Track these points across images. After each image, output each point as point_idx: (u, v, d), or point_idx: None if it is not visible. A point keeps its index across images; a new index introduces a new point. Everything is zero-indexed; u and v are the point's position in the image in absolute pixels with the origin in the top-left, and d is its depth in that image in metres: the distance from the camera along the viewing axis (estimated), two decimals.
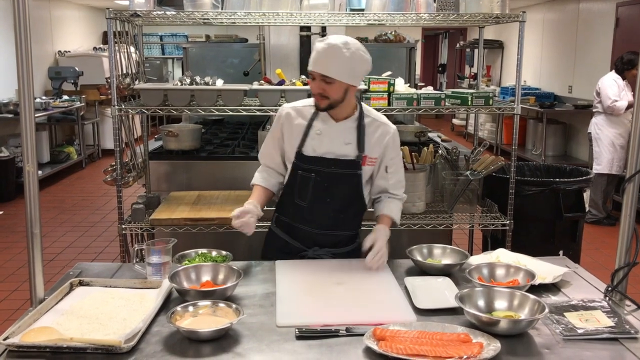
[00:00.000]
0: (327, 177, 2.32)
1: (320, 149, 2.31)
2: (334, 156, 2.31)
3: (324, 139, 2.31)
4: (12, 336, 1.63)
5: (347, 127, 2.31)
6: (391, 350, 1.56)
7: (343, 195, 2.35)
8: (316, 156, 2.31)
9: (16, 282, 4.53)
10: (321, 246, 2.40)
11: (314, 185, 2.32)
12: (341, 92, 2.22)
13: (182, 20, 3.23)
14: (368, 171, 2.37)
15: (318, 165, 2.31)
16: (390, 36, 5.40)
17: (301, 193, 2.35)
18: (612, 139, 5.89)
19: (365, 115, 2.35)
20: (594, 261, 4.88)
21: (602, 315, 1.82)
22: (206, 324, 1.70)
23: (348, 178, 2.33)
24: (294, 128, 2.35)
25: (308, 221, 2.39)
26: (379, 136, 2.34)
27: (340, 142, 2.31)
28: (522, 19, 3.12)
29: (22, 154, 1.90)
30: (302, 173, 2.33)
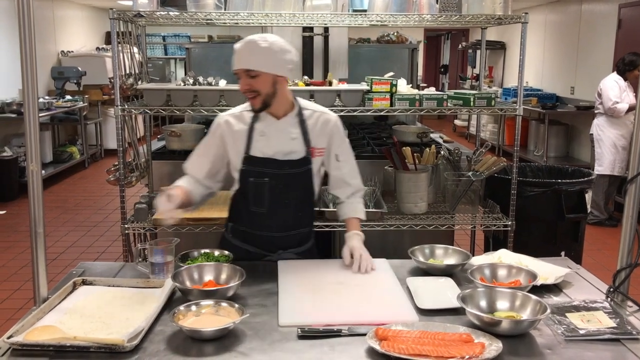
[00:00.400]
0: (282, 180, 2.30)
1: (268, 150, 2.28)
2: (284, 156, 2.28)
3: (270, 139, 2.29)
4: (16, 335, 1.64)
5: (289, 123, 2.30)
6: (393, 350, 1.57)
7: (299, 194, 2.35)
8: (266, 157, 2.28)
9: (19, 281, 4.54)
10: (285, 248, 2.39)
11: (270, 190, 2.29)
12: (269, 84, 2.19)
13: (185, 21, 3.24)
14: (318, 162, 2.36)
15: (270, 169, 2.28)
16: (393, 37, 5.41)
17: (257, 200, 2.31)
18: (613, 140, 5.88)
19: (304, 108, 2.35)
20: (595, 262, 4.87)
21: (604, 316, 1.82)
22: (209, 323, 1.71)
23: (302, 175, 2.32)
24: (235, 134, 2.31)
25: (268, 226, 2.36)
26: (321, 126, 2.34)
27: (287, 138, 2.29)
28: (524, 20, 3.12)
29: (25, 154, 1.91)
30: (254, 180, 2.29)
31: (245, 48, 2.17)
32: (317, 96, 3.18)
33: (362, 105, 3.21)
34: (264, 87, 2.19)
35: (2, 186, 6.72)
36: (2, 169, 6.78)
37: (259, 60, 2.16)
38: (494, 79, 12.13)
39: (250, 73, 2.16)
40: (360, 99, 3.22)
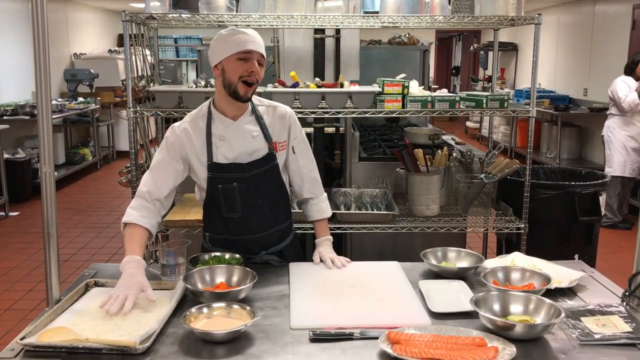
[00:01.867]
0: (251, 182, 2.27)
1: (230, 154, 2.24)
2: (248, 157, 2.25)
3: (231, 142, 2.25)
4: (29, 336, 1.64)
5: (247, 121, 2.28)
6: (406, 354, 1.56)
7: (270, 192, 2.33)
8: (230, 163, 2.25)
9: (32, 282, 4.57)
10: (266, 248, 2.36)
11: (240, 193, 2.26)
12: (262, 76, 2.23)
13: (197, 23, 3.25)
14: (282, 156, 2.34)
15: (237, 173, 2.25)
16: (404, 39, 5.39)
17: (229, 206, 2.28)
18: (623, 141, 5.86)
19: (257, 105, 2.33)
20: (609, 265, 4.83)
21: (619, 321, 1.80)
22: (220, 325, 1.71)
23: (269, 173, 2.30)
24: (195, 143, 2.25)
25: (247, 229, 2.33)
26: (278, 119, 2.33)
27: (248, 138, 2.26)
28: (537, 21, 3.10)
29: (38, 156, 1.92)
30: (223, 186, 2.25)
31: (259, 38, 2.20)
32: (329, 98, 3.17)
33: (373, 107, 3.19)
34: (260, 78, 2.21)
35: (15, 187, 6.77)
36: (16, 171, 6.83)
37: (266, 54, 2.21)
38: (506, 81, 12.07)
39: (261, 61, 2.19)
40: (371, 101, 3.21)
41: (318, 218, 2.47)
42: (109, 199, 7.27)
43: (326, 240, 2.42)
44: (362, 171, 3.72)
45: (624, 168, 5.86)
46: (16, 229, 6.01)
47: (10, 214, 6.48)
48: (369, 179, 3.56)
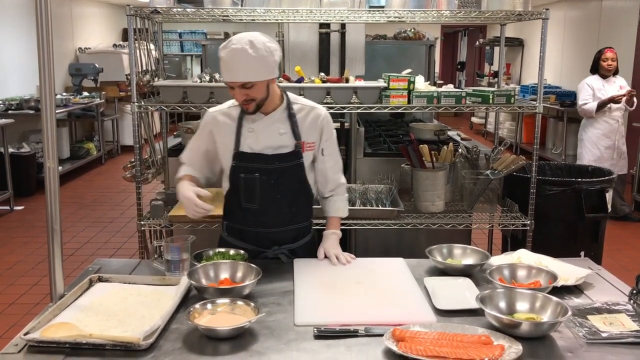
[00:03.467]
0: (273, 174, 2.28)
1: (257, 145, 2.27)
2: (273, 151, 2.27)
3: (259, 135, 2.27)
4: (33, 331, 1.64)
5: (277, 118, 2.28)
6: (411, 352, 1.54)
7: (291, 189, 2.33)
8: (255, 153, 2.27)
9: (36, 276, 4.58)
10: (280, 244, 2.36)
11: (261, 185, 2.27)
12: (264, 89, 2.18)
13: (202, 17, 3.23)
14: (309, 157, 2.34)
15: (260, 164, 2.26)
16: (410, 33, 5.37)
17: (248, 196, 2.29)
18: (594, 140, 5.80)
19: (293, 103, 2.32)
20: (615, 262, 4.80)
21: (626, 319, 1.78)
22: (224, 321, 1.70)
23: (292, 170, 2.30)
24: (224, 131, 2.30)
25: (262, 223, 2.34)
26: (311, 120, 2.32)
27: (275, 134, 2.27)
28: (545, 16, 3.07)
29: (42, 150, 1.91)
30: (245, 176, 2.27)
31: (236, 59, 2.10)
32: (334, 93, 3.16)
33: (379, 103, 3.18)
34: (259, 93, 2.17)
35: (20, 182, 6.78)
36: (20, 165, 6.84)
37: (253, 70, 2.11)
38: (512, 76, 12.02)
39: (245, 85, 2.13)
40: (377, 96, 3.19)
41: (333, 215, 2.46)
42: (114, 193, 7.27)
43: (333, 234, 2.41)
44: (367, 167, 3.70)
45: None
46: (21, 223, 6.02)
47: (15, 208, 6.49)
48: (373, 174, 3.54)
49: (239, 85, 2.14)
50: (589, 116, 5.80)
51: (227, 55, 2.11)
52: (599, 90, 5.72)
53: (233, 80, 2.13)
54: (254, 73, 2.12)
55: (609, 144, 5.77)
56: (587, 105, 5.73)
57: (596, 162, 5.56)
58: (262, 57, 2.11)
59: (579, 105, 5.84)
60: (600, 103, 5.65)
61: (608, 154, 5.77)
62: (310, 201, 2.43)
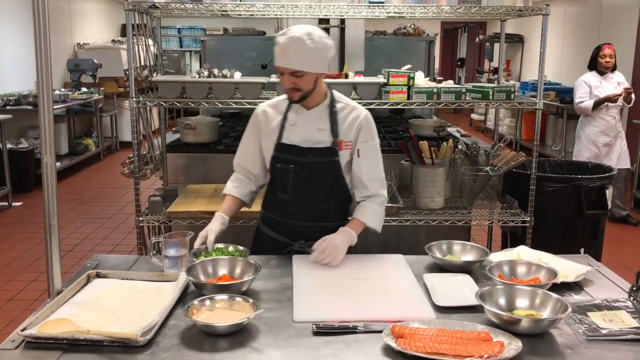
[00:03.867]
0: (306, 167, 2.31)
1: (295, 138, 2.32)
2: (310, 144, 2.31)
3: (298, 128, 2.32)
4: (30, 327, 1.63)
5: (318, 114, 2.32)
6: (410, 348, 1.54)
7: (324, 185, 2.34)
8: (292, 144, 2.31)
9: (34, 272, 4.57)
10: (307, 239, 2.35)
11: (294, 177, 2.32)
12: (312, 82, 2.22)
13: (201, 12, 3.22)
14: (346, 156, 2.34)
15: (295, 155, 2.31)
16: (410, 29, 5.36)
17: (282, 186, 2.34)
18: (591, 137, 5.75)
19: (337, 101, 2.35)
20: (615, 259, 4.80)
21: (626, 316, 1.77)
22: (223, 318, 1.69)
23: (327, 166, 2.32)
24: (271, 124, 2.37)
25: (292, 214, 2.38)
26: (351, 120, 2.33)
27: (313, 129, 2.31)
28: (545, 12, 3.06)
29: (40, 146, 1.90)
30: (280, 166, 2.34)
31: (292, 46, 2.15)
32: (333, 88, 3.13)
33: (378, 98, 3.16)
34: (307, 84, 2.22)
35: (18, 178, 6.76)
36: (19, 161, 6.82)
37: (306, 61, 2.17)
38: (512, 73, 12.00)
39: (296, 73, 2.18)
40: (376, 92, 3.18)
41: (355, 217, 2.36)
42: (112, 189, 7.26)
43: (347, 231, 2.28)
44: None
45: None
46: (19, 219, 6.01)
47: (14, 204, 6.48)
48: None
49: (290, 73, 2.18)
50: (585, 114, 5.76)
51: (285, 41, 2.15)
52: (595, 87, 5.68)
53: (286, 66, 2.18)
54: (306, 63, 2.17)
55: (606, 141, 5.73)
56: (583, 103, 5.69)
57: (594, 160, 5.50)
58: (318, 50, 2.17)
59: (575, 103, 5.81)
60: (596, 101, 5.61)
61: (605, 151, 5.73)
62: (344, 203, 2.42)
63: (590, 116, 5.74)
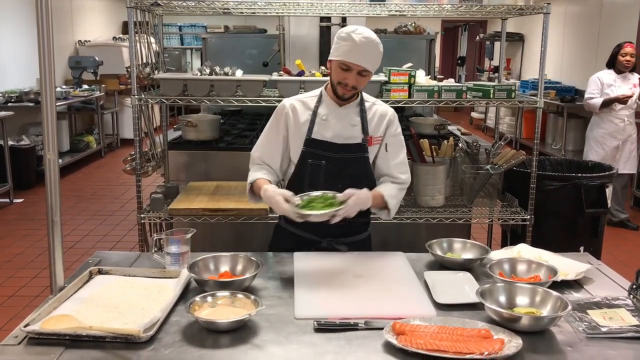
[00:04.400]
0: (338, 164, 2.34)
1: (327, 133, 2.34)
2: (342, 140, 2.34)
3: (330, 123, 2.34)
4: (33, 323, 1.64)
5: (351, 111, 2.36)
6: (411, 345, 1.55)
7: (354, 180, 2.33)
8: (325, 141, 2.33)
9: (36, 269, 4.58)
10: (334, 236, 2.37)
11: (325, 172, 2.34)
12: (367, 82, 2.30)
13: (202, 10, 3.22)
14: (374, 151, 2.40)
15: (328, 152, 2.33)
16: (411, 28, 5.36)
17: (312, 183, 2.34)
18: (599, 139, 5.66)
19: (365, 100, 2.41)
20: (614, 258, 4.81)
21: (626, 314, 1.78)
22: (224, 314, 1.70)
23: (357, 162, 2.36)
24: (299, 119, 2.37)
25: None
26: (379, 116, 2.39)
27: (347, 124, 2.35)
28: (546, 10, 3.06)
29: (42, 143, 1.90)
30: (312, 162, 2.34)
31: (369, 47, 2.21)
32: None
33: (379, 97, 3.17)
34: (364, 84, 2.29)
35: (19, 175, 6.77)
36: (20, 158, 6.83)
37: (376, 63, 2.26)
38: (512, 71, 11.99)
39: (362, 73, 2.23)
40: (378, 90, 3.19)
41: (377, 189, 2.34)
42: (114, 186, 7.27)
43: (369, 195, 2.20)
44: None
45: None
46: (21, 216, 6.02)
47: (15, 200, 6.48)
48: None
49: (360, 71, 2.22)
50: (592, 111, 5.68)
51: (362, 40, 2.19)
52: (608, 85, 5.55)
53: (362, 65, 2.20)
54: (375, 65, 2.26)
55: (614, 144, 5.60)
56: (592, 100, 5.59)
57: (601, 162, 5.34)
58: (381, 55, 2.27)
59: (585, 99, 5.71)
60: (605, 100, 5.50)
61: (613, 154, 5.60)
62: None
63: (599, 117, 5.65)
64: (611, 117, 5.61)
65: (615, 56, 5.58)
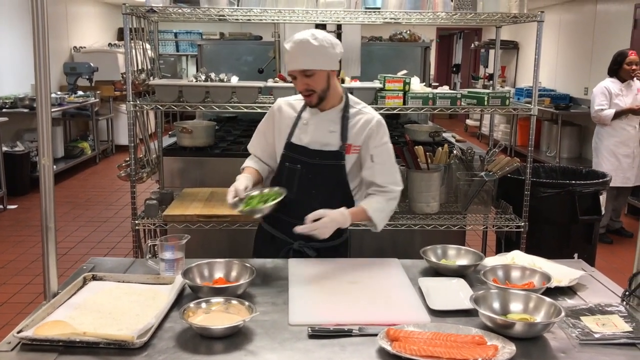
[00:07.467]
0: (312, 169, 2.34)
1: (305, 138, 2.35)
2: (319, 146, 2.34)
3: (310, 128, 2.36)
4: (26, 329, 1.63)
5: (332, 116, 2.35)
6: (405, 351, 1.55)
7: (328, 186, 2.35)
8: (301, 145, 2.35)
9: (29, 275, 4.56)
10: (306, 240, 2.34)
11: (300, 177, 2.35)
12: (324, 80, 2.26)
13: (198, 17, 3.23)
14: (352, 159, 2.36)
15: (303, 156, 2.34)
16: (406, 35, 5.38)
17: (288, 185, 2.36)
18: (612, 148, 5.46)
19: (351, 106, 2.38)
20: (608, 265, 4.82)
21: (619, 320, 1.79)
22: (219, 320, 1.70)
23: (332, 169, 2.34)
24: (285, 120, 2.41)
25: (294, 213, 2.35)
26: (361, 124, 2.34)
27: (325, 131, 2.34)
28: (540, 18, 3.08)
29: (37, 149, 1.90)
30: (288, 165, 2.38)
31: (298, 48, 2.21)
32: None
33: (374, 103, 3.18)
34: (319, 84, 2.25)
35: (14, 181, 6.75)
36: (14, 164, 6.81)
37: (314, 59, 2.21)
38: (507, 79, 12.05)
39: (306, 72, 2.22)
40: (372, 97, 3.20)
41: (361, 205, 2.34)
42: (108, 193, 7.25)
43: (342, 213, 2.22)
44: None
45: (614, 178, 5.08)
46: (14, 222, 6.00)
47: (9, 207, 6.46)
48: None
49: (300, 73, 2.23)
50: (603, 123, 5.45)
51: (291, 46, 2.22)
52: (616, 95, 5.38)
53: (294, 68, 2.23)
54: (313, 61, 2.21)
55: (627, 152, 5.43)
56: (604, 112, 5.34)
57: (615, 172, 5.22)
58: (323, 47, 2.22)
59: (594, 111, 5.42)
60: (618, 112, 5.30)
61: (627, 163, 5.43)
62: (346, 206, 2.37)
63: (609, 126, 5.44)
64: (623, 125, 5.43)
65: (620, 64, 5.41)
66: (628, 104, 5.36)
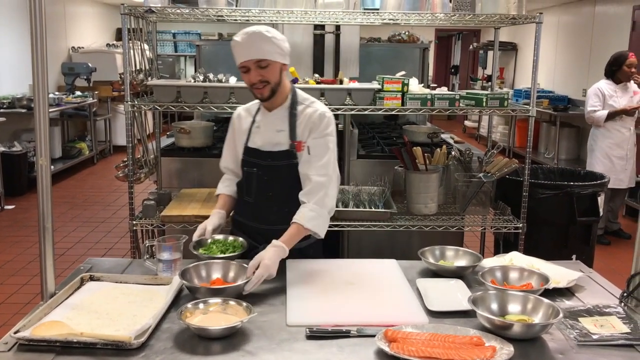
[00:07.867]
0: (266, 171, 2.34)
1: (258, 140, 2.36)
2: (270, 147, 2.33)
3: (261, 130, 2.36)
4: (23, 330, 1.63)
5: (279, 115, 2.34)
6: (403, 352, 1.54)
7: (284, 187, 2.33)
8: (255, 148, 2.36)
9: (27, 275, 4.55)
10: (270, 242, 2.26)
11: (257, 180, 2.35)
12: (277, 73, 2.24)
13: (196, 17, 3.23)
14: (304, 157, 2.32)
15: (258, 159, 2.35)
16: (404, 36, 5.38)
17: (248, 189, 2.38)
18: (606, 150, 5.45)
19: (299, 103, 2.35)
20: (606, 266, 4.83)
21: (617, 321, 1.79)
22: (216, 321, 1.70)
23: (286, 169, 2.32)
24: (243, 126, 2.43)
25: (255, 217, 2.40)
26: (307, 118, 2.31)
27: (273, 130, 2.33)
28: (538, 20, 3.09)
29: (34, 149, 1.90)
30: (246, 169, 2.39)
31: (253, 39, 2.18)
32: (328, 94, 3.16)
33: (373, 105, 3.18)
34: (273, 76, 2.23)
35: (11, 181, 6.74)
36: (12, 164, 6.80)
37: (269, 50, 2.19)
38: (505, 80, 12.06)
39: (261, 63, 2.19)
40: (371, 98, 3.20)
41: (293, 221, 2.19)
42: (106, 193, 7.25)
43: (276, 246, 2.08)
44: (361, 169, 3.71)
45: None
46: (12, 222, 5.99)
47: (6, 207, 6.45)
48: (367, 176, 3.54)
49: (255, 64, 2.19)
50: (597, 124, 5.46)
51: (243, 37, 2.19)
52: (610, 97, 5.38)
53: (249, 58, 2.19)
54: (269, 51, 2.19)
55: (621, 154, 5.42)
56: (597, 113, 5.37)
57: (609, 174, 5.01)
58: (277, 39, 2.21)
59: (587, 112, 5.47)
60: (611, 112, 5.32)
61: (620, 165, 5.43)
62: None
63: (603, 128, 5.43)
64: (618, 127, 5.42)
65: (619, 66, 5.38)
66: (622, 106, 5.37)
